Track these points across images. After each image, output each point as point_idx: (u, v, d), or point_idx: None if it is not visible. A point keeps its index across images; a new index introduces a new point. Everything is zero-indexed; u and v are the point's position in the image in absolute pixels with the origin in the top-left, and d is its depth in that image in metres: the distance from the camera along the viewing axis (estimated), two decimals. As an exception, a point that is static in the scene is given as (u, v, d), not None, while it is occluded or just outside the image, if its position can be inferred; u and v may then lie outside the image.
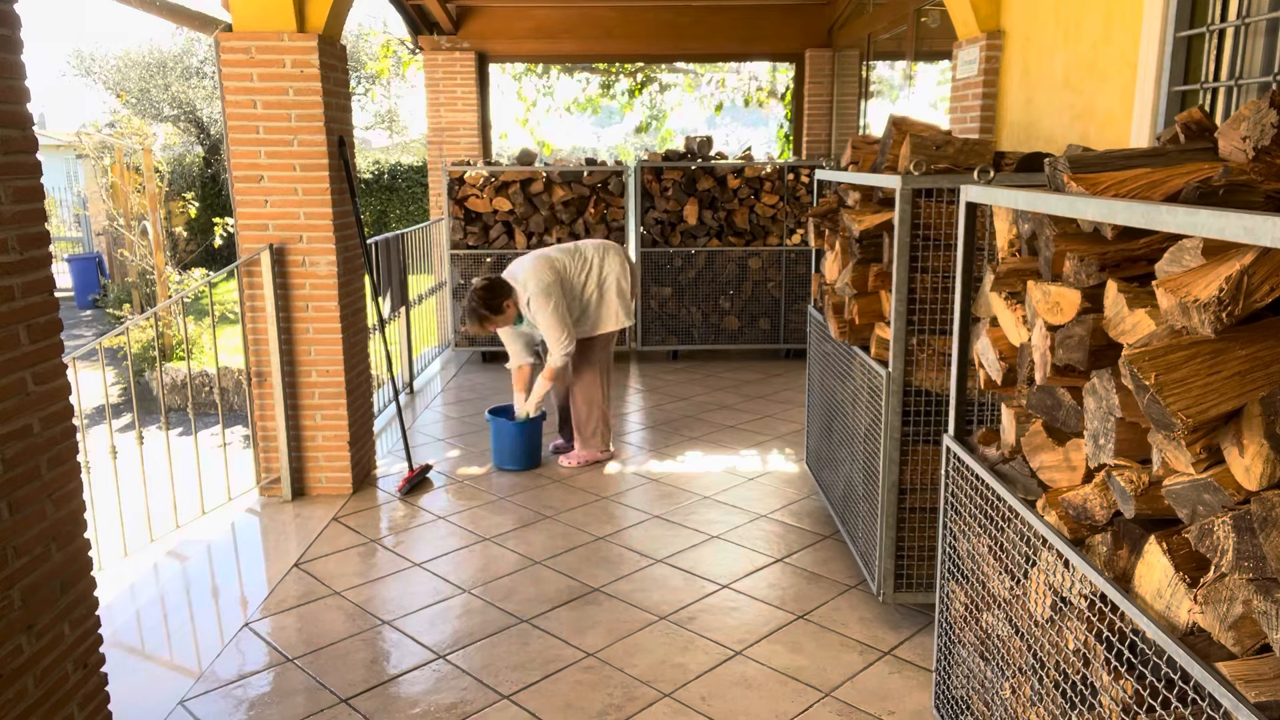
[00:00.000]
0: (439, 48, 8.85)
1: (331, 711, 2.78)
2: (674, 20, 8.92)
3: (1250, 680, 1.28)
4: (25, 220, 2.10)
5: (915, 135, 3.07)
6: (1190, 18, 3.51)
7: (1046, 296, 1.86)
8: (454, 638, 3.20)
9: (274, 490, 4.54)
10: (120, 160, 11.93)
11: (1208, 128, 1.87)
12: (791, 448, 5.25)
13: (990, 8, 4.90)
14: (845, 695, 2.83)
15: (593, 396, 4.92)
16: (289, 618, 3.36)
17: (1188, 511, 1.44)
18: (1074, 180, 1.72)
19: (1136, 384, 1.43)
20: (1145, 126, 3.67)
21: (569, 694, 2.85)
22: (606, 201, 7.21)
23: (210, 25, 5.68)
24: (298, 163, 4.22)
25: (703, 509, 4.35)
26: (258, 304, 4.34)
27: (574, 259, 4.77)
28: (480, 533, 4.10)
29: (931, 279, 3.03)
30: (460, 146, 8.97)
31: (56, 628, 2.20)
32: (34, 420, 2.13)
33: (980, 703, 2.27)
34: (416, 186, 19.38)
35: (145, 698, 2.88)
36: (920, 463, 3.16)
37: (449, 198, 7.15)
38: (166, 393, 8.93)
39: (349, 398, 4.52)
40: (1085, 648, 1.72)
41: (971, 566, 2.31)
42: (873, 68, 8.23)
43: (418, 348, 7.32)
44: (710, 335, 7.47)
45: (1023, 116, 4.73)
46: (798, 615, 3.34)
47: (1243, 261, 1.34)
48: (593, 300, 4.80)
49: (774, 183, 7.23)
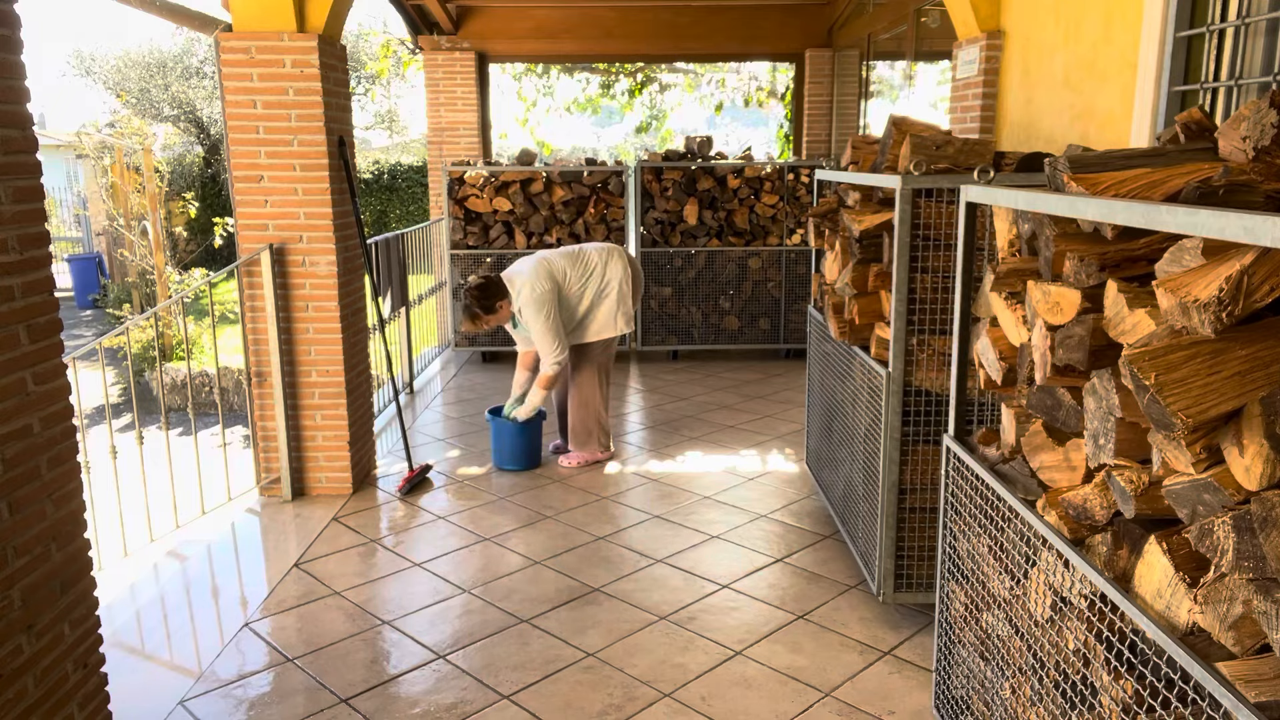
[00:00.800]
0: (439, 48, 8.85)
1: (331, 711, 2.78)
2: (674, 20, 8.92)
3: (1250, 680, 1.28)
4: (25, 220, 2.10)
5: (915, 135, 3.07)
6: (1190, 18, 3.51)
7: (1046, 296, 1.86)
8: (454, 638, 3.20)
9: (274, 490, 4.54)
10: (120, 160, 11.93)
11: (1208, 128, 1.87)
12: (791, 448, 5.25)
13: (990, 8, 4.90)
14: (845, 695, 2.83)
15: (588, 399, 4.91)
16: (289, 618, 3.36)
17: (1188, 511, 1.44)
18: (1074, 180, 1.72)
19: (1136, 384, 1.43)
20: (1145, 126, 3.67)
21: (569, 694, 2.85)
22: (606, 201, 7.21)
23: (210, 25, 5.68)
24: (298, 163, 4.22)
25: (703, 509, 4.35)
26: (258, 304, 4.34)
27: (576, 264, 4.75)
28: (480, 533, 4.10)
29: (931, 279, 3.03)
30: (460, 146, 8.97)
31: (56, 628, 2.20)
32: (34, 420, 2.13)
33: (980, 703, 2.27)
34: (416, 186, 19.38)
35: (145, 698, 2.88)
36: (920, 463, 3.16)
37: (449, 198, 7.15)
38: (166, 393, 8.93)
39: (349, 398, 4.52)
40: (1085, 648, 1.72)
41: (971, 566, 2.31)
42: (873, 68, 8.23)
43: (418, 348, 7.32)
44: (710, 335, 7.47)
45: (1023, 116, 4.73)
46: (798, 615, 3.34)
47: (1243, 261, 1.34)
48: (593, 307, 4.77)
49: (774, 183, 7.23)
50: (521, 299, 4.57)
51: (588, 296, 4.75)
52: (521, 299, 4.57)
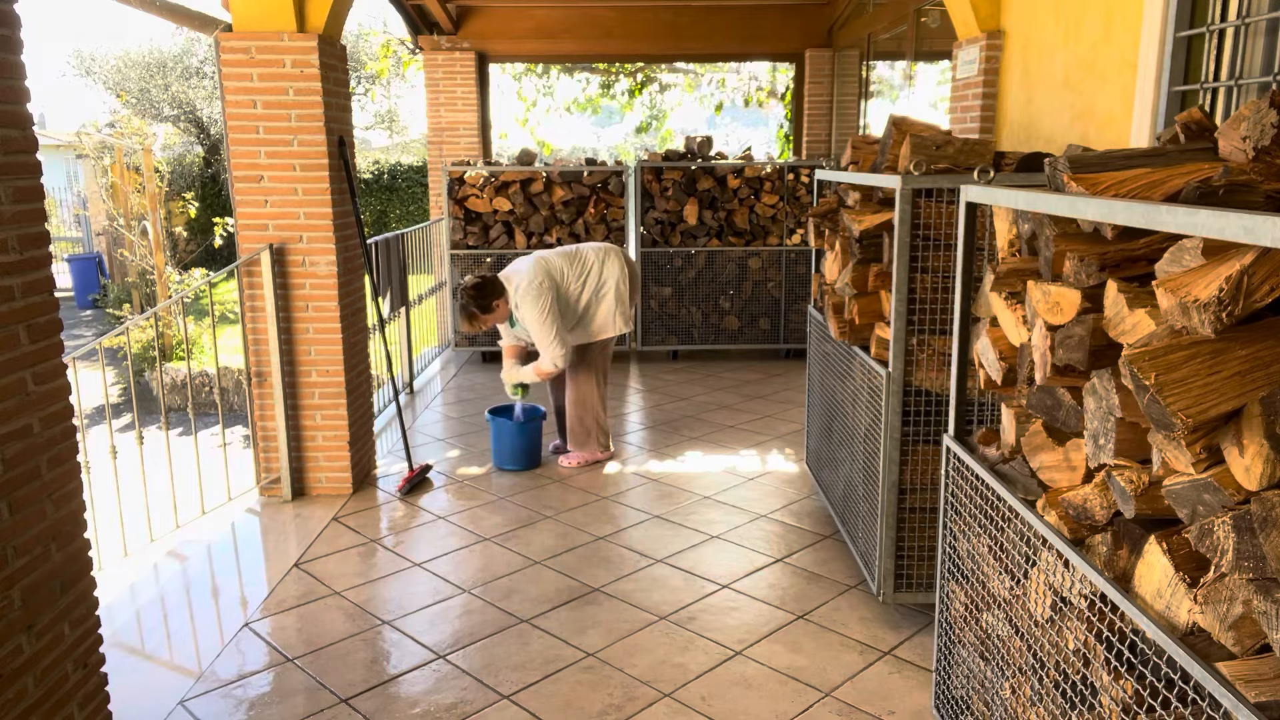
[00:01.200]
0: (439, 48, 8.85)
1: (331, 711, 2.78)
2: (674, 20, 8.92)
3: (1250, 680, 1.28)
4: (25, 220, 2.10)
5: (915, 135, 3.07)
6: (1190, 18, 3.51)
7: (1046, 296, 1.86)
8: (454, 638, 3.20)
9: (274, 490, 4.54)
10: (120, 160, 11.93)
11: (1208, 128, 1.87)
12: (791, 448, 5.25)
13: (990, 8, 4.90)
14: (845, 695, 2.83)
15: (586, 400, 4.90)
16: (289, 618, 3.36)
17: (1188, 511, 1.44)
18: (1074, 180, 1.72)
19: (1136, 384, 1.43)
20: (1145, 126, 3.67)
21: (569, 694, 2.85)
22: (606, 201, 7.21)
23: (210, 25, 5.68)
24: (298, 163, 4.22)
25: (703, 509, 4.35)
26: (258, 304, 4.34)
27: (573, 264, 4.74)
28: (480, 533, 4.10)
29: (931, 279, 3.03)
30: (460, 146, 8.97)
31: (56, 628, 2.20)
32: (34, 420, 2.13)
33: (980, 703, 2.27)
34: (416, 186, 19.38)
35: (145, 698, 2.88)
36: (920, 463, 3.16)
37: (449, 198, 7.15)
38: (166, 393, 8.93)
39: (349, 398, 4.52)
40: (1085, 648, 1.72)
41: (971, 566, 2.31)
42: (873, 68, 8.23)
43: (418, 348, 7.33)
44: (710, 335, 7.47)
45: (1023, 116, 4.73)
46: (798, 615, 3.34)
47: (1243, 261, 1.34)
48: (590, 307, 4.76)
49: (774, 183, 7.23)
50: (519, 296, 4.56)
51: (585, 296, 4.74)
52: (519, 296, 4.56)
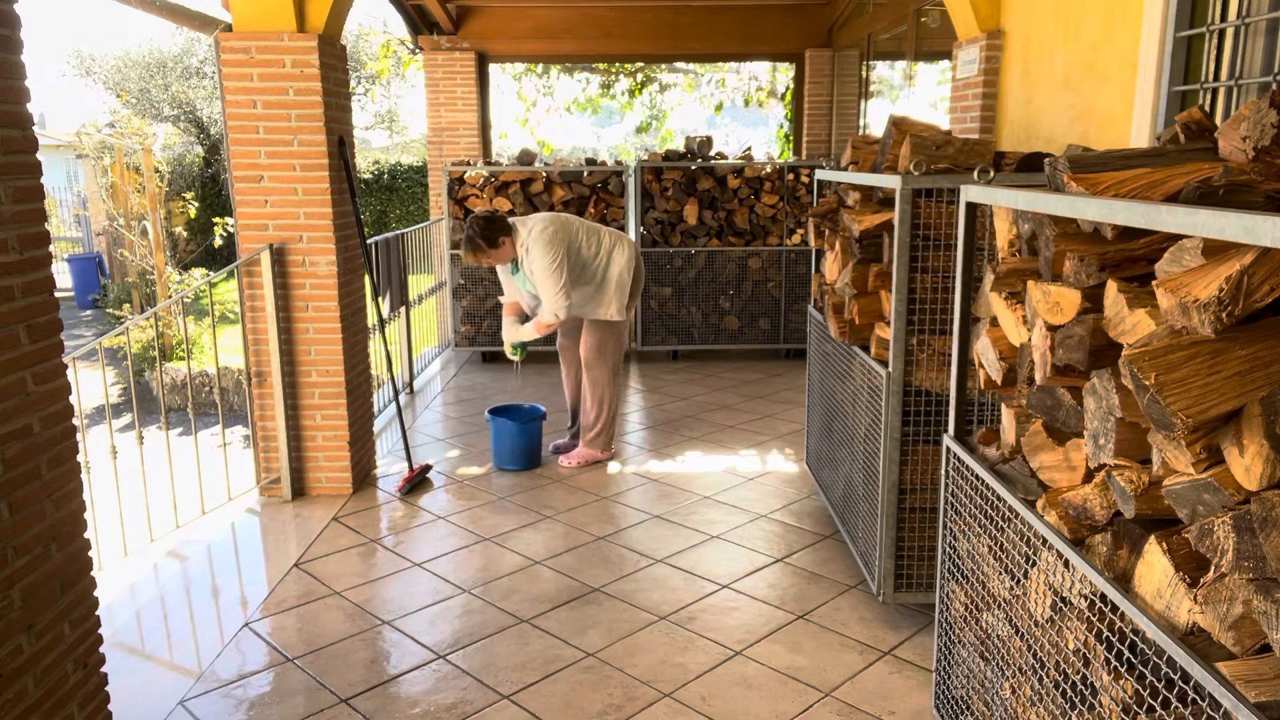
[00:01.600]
0: (439, 48, 8.85)
1: (331, 711, 2.78)
2: (674, 20, 8.92)
3: (1250, 680, 1.28)
4: (25, 220, 2.10)
5: (915, 135, 3.07)
6: (1190, 18, 3.51)
7: (1046, 296, 1.86)
8: (454, 638, 3.20)
9: (274, 490, 4.54)
10: (120, 160, 11.93)
11: (1208, 128, 1.87)
12: (791, 448, 5.25)
13: (990, 8, 4.90)
14: (845, 695, 2.83)
15: (605, 397, 4.90)
16: (289, 618, 3.36)
17: (1188, 511, 1.44)
18: (1074, 180, 1.72)
19: (1136, 384, 1.43)
20: (1145, 126, 3.67)
21: (569, 694, 2.85)
22: (606, 201, 7.21)
23: (210, 25, 5.68)
24: (298, 163, 4.22)
25: (703, 509, 4.35)
26: (258, 304, 4.34)
27: (590, 234, 4.71)
28: (480, 533, 4.10)
29: (931, 279, 3.03)
30: (460, 146, 8.97)
31: (56, 628, 2.20)
32: (34, 420, 2.13)
33: (980, 703, 2.27)
34: (416, 186, 19.38)
35: (145, 698, 2.88)
36: (920, 463, 3.16)
37: (449, 198, 7.15)
38: (166, 393, 8.93)
39: (349, 398, 4.52)
40: (1085, 648, 1.72)
41: (971, 566, 2.31)
42: (873, 68, 8.23)
43: (418, 348, 7.32)
44: (710, 335, 7.47)
45: (1023, 116, 4.73)
46: (798, 615, 3.34)
47: (1243, 261, 1.34)
48: (596, 279, 4.73)
49: (774, 183, 7.23)
50: (531, 239, 4.50)
51: (592, 268, 4.70)
52: (531, 239, 4.50)
